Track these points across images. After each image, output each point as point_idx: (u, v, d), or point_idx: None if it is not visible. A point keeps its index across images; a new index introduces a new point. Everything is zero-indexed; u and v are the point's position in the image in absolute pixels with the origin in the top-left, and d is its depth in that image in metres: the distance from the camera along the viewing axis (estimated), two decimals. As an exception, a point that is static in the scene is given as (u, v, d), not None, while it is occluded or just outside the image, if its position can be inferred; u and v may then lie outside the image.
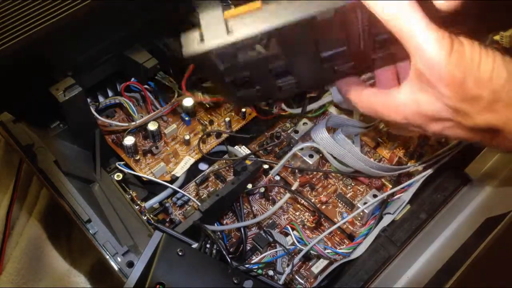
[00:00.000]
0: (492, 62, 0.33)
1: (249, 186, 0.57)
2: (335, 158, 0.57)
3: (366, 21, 0.36)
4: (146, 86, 0.64)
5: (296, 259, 0.52)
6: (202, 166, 0.62)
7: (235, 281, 0.42)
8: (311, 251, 0.53)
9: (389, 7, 0.33)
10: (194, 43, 0.35)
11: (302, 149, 0.59)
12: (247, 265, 0.49)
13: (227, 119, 0.62)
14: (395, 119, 0.39)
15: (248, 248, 0.54)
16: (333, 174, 0.60)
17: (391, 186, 0.58)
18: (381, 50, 0.39)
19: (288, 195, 0.58)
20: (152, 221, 0.52)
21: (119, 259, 0.44)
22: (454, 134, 0.37)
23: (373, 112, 0.40)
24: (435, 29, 0.33)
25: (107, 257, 0.44)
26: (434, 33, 0.33)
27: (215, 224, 0.55)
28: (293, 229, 0.55)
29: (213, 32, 0.35)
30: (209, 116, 0.65)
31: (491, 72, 0.33)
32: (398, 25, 0.34)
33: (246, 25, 0.34)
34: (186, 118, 0.63)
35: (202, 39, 0.35)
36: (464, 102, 0.34)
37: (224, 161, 0.61)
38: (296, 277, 0.53)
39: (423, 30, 0.33)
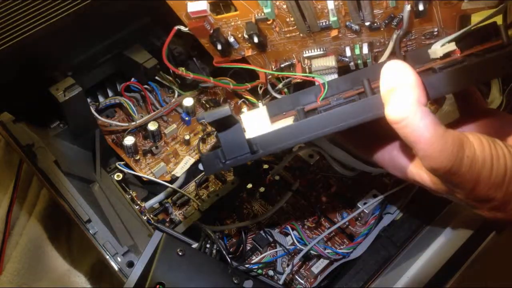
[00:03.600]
0: (504, 165, 0.32)
1: (249, 186, 0.57)
2: (334, 159, 0.57)
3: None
4: (146, 86, 0.64)
5: (296, 259, 0.52)
6: (202, 166, 0.62)
7: (235, 281, 0.42)
8: (311, 251, 0.53)
9: (395, 112, 0.32)
10: (217, 164, 0.36)
11: (302, 149, 0.59)
12: (247, 265, 0.49)
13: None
14: (394, 174, 0.39)
15: (248, 248, 0.54)
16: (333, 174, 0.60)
17: (391, 186, 0.58)
18: None
19: (288, 195, 0.58)
20: (152, 221, 0.52)
21: (119, 259, 0.44)
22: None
23: (376, 163, 0.41)
24: (442, 135, 0.31)
25: (107, 257, 0.44)
26: (441, 141, 0.31)
27: (215, 224, 0.55)
28: (293, 229, 0.55)
29: (236, 153, 0.35)
30: (209, 116, 0.65)
31: (504, 176, 0.32)
32: (404, 131, 0.32)
33: (269, 144, 0.35)
34: (186, 118, 0.63)
35: (225, 161, 0.36)
36: (474, 201, 0.34)
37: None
38: (296, 277, 0.53)
39: (429, 138, 0.31)
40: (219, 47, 0.46)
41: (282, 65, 0.48)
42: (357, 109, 0.35)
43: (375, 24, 0.42)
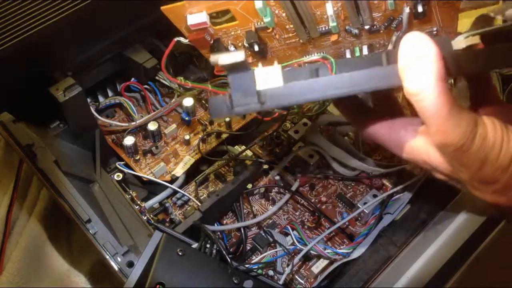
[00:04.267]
0: None
1: (249, 186, 0.57)
2: (334, 159, 0.57)
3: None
4: (146, 86, 0.64)
5: (296, 259, 0.52)
6: (202, 166, 0.62)
7: (235, 281, 0.42)
8: (311, 251, 0.53)
9: (414, 85, 0.32)
10: (223, 109, 0.36)
11: (302, 149, 0.59)
12: (247, 265, 0.49)
13: (227, 119, 0.62)
14: (399, 154, 0.39)
15: (248, 248, 0.54)
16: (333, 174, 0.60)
17: (391, 186, 0.58)
18: None
19: (288, 195, 0.58)
20: (152, 221, 0.52)
21: (119, 259, 0.44)
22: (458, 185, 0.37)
23: (377, 141, 0.40)
24: (458, 113, 0.32)
25: (107, 257, 0.44)
26: (457, 118, 0.31)
27: (215, 224, 0.55)
28: (293, 229, 0.55)
29: (244, 100, 0.35)
30: (209, 116, 0.65)
31: (511, 160, 0.32)
32: (421, 104, 0.32)
33: (278, 97, 0.35)
34: (186, 118, 0.63)
35: (232, 106, 0.35)
36: (478, 183, 0.34)
37: (224, 161, 0.61)
38: (296, 277, 0.53)
39: (446, 114, 0.31)
40: None
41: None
42: (373, 74, 0.34)
43: (375, 27, 0.42)
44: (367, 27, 0.42)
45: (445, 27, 0.42)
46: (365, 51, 0.44)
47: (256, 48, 0.44)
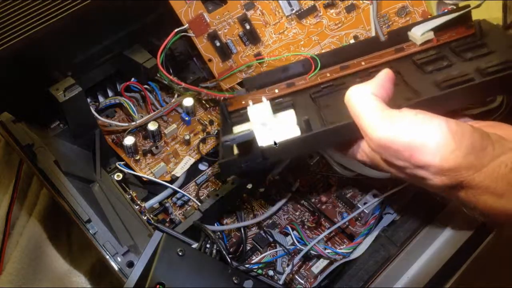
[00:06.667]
0: (440, 132, 0.35)
1: (249, 186, 0.57)
2: (335, 161, 0.57)
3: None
4: (146, 86, 0.64)
5: (296, 259, 0.52)
6: (202, 166, 0.62)
7: (235, 281, 0.42)
8: (311, 251, 0.53)
9: (350, 92, 0.40)
10: (235, 169, 0.42)
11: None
12: (247, 265, 0.49)
13: (227, 119, 0.62)
14: (363, 162, 0.43)
15: (248, 248, 0.54)
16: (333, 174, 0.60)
17: (391, 186, 0.58)
18: None
19: (288, 195, 0.58)
20: (152, 221, 0.52)
21: (119, 259, 0.44)
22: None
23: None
24: (375, 109, 0.37)
25: (107, 257, 0.44)
26: (375, 116, 0.37)
27: (215, 224, 0.55)
28: (293, 229, 0.55)
29: (250, 159, 0.41)
30: (209, 116, 0.65)
31: (439, 143, 0.35)
32: (352, 109, 0.39)
33: (278, 153, 0.41)
34: (186, 118, 0.63)
35: (241, 165, 0.41)
36: (417, 169, 0.37)
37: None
38: (296, 277, 0.53)
39: (365, 113, 0.38)
40: (218, 43, 0.54)
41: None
42: (352, 126, 0.40)
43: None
44: None
45: (414, 6, 0.54)
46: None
47: (248, 26, 0.54)
